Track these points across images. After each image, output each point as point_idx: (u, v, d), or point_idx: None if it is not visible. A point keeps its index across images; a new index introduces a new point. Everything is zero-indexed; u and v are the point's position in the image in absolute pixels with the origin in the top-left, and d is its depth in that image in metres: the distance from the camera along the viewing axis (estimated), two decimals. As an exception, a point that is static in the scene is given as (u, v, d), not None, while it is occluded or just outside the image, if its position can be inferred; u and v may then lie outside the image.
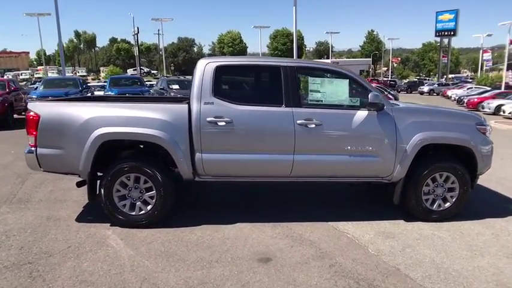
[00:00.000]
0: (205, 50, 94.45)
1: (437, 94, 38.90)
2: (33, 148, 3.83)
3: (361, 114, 3.89)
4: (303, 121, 3.81)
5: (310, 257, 3.34)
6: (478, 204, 4.63)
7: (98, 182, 3.91)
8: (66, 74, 31.98)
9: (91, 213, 4.32)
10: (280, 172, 3.97)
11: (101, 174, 3.92)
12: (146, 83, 19.97)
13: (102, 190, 3.83)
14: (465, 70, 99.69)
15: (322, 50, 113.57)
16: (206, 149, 3.82)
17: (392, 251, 3.48)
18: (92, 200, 3.94)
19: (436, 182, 4.04)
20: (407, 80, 60.32)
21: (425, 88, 42.31)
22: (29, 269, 3.07)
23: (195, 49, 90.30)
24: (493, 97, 21.39)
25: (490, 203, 4.88)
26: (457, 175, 4.00)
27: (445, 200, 4.10)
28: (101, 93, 15.62)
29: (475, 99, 22.13)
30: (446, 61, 53.27)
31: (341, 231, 3.89)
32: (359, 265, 3.21)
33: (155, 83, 18.70)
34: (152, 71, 56.10)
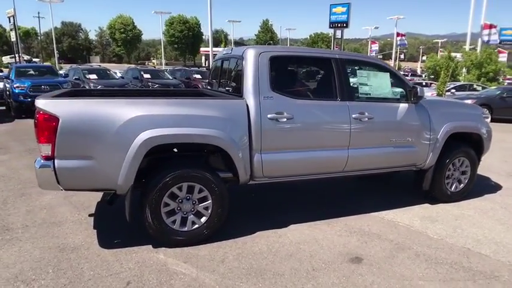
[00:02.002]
0: (92, 36, 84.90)
1: None
2: (48, 161, 2.87)
3: (403, 106, 4.05)
4: (358, 115, 3.77)
5: (392, 250, 3.38)
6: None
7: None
8: None
9: (112, 235, 3.49)
10: (335, 168, 3.87)
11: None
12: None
13: (147, 206, 3.12)
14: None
15: (218, 38, 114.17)
16: (266, 148, 3.46)
17: (448, 233, 3.77)
18: (132, 220, 3.17)
19: (455, 166, 4.51)
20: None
21: None
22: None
23: (81, 35, 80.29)
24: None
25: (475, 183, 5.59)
26: (470, 159, 4.56)
27: (459, 182, 4.62)
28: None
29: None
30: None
31: (391, 221, 4.03)
32: (437, 250, 3.39)
33: (62, 73, 16.07)
34: (34, 59, 47.61)
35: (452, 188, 4.57)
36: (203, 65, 72.57)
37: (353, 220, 4.01)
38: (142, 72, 15.76)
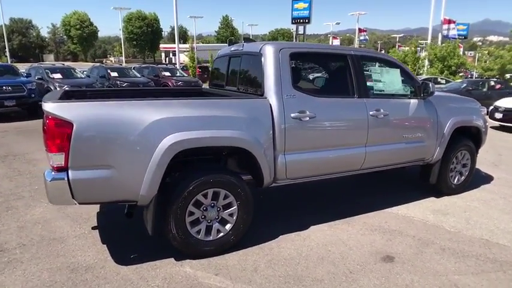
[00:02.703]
0: (44, 33, 79.62)
1: None
2: (61, 172, 2.53)
3: (414, 102, 4.09)
4: (374, 112, 3.74)
5: (418, 246, 3.39)
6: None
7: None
8: None
9: (125, 249, 3.19)
10: (353, 166, 3.82)
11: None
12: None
13: (172, 216, 2.87)
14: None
15: (178, 35, 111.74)
16: (290, 149, 3.32)
17: (463, 225, 3.85)
18: (155, 233, 2.89)
19: (457, 160, 4.65)
20: None
21: None
22: None
23: (33, 32, 74.92)
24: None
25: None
26: (471, 152, 4.71)
27: (461, 174, 4.77)
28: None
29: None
30: None
31: (406, 216, 4.06)
32: (459, 243, 3.45)
33: (23, 72, 14.78)
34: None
35: (455, 181, 4.70)
36: (163, 62, 70.65)
37: (370, 218, 3.98)
38: (109, 71, 14.92)
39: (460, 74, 23.66)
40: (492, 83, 14.52)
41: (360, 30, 43.05)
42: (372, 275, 2.91)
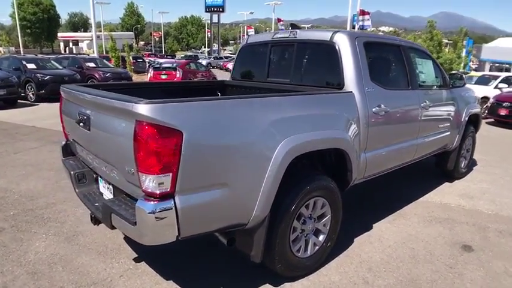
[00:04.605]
0: None
1: (214, 67, 41.13)
2: (166, 200, 1.87)
3: (445, 93, 4.21)
4: (424, 103, 3.74)
5: (479, 232, 3.51)
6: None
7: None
8: None
9: (202, 281, 2.60)
10: (409, 158, 3.77)
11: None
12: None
13: (278, 236, 2.40)
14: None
15: (77, 22, 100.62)
16: (370, 146, 3.09)
17: (493, 207, 4.14)
18: (260, 259, 2.38)
19: (465, 145, 4.99)
20: (184, 54, 61.46)
21: (204, 62, 45.19)
22: None
23: None
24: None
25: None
26: (473, 137, 5.11)
27: (465, 158, 5.14)
28: None
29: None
30: (210, 35, 58.60)
31: (444, 204, 4.19)
32: (508, 225, 3.68)
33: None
34: None
35: (463, 165, 5.06)
36: (62, 52, 62.70)
37: (415, 209, 4.01)
38: (24, 62, 12.42)
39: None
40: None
41: (279, 20, 44.29)
42: (469, 266, 2.91)
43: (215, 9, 57.88)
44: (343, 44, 2.99)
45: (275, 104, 2.32)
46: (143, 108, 1.80)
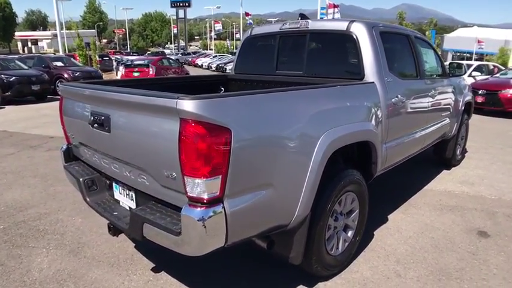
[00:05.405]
0: None
1: (183, 63, 40.63)
2: (215, 205, 1.70)
3: (446, 82, 4.26)
4: (431, 92, 3.75)
5: (490, 217, 3.58)
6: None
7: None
8: None
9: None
10: (418, 148, 3.77)
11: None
12: None
13: (316, 235, 2.30)
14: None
15: (35, 20, 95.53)
16: (390, 137, 3.05)
17: (495, 192, 4.24)
18: (300, 260, 2.27)
19: (461, 132, 5.10)
20: (151, 51, 59.57)
21: (173, 57, 44.35)
22: None
23: None
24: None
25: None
26: (467, 125, 5.23)
27: (460, 145, 5.26)
28: None
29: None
30: (176, 31, 57.22)
31: (449, 192, 4.26)
32: (509, 209, 3.79)
33: None
34: None
35: (458, 152, 5.19)
36: (21, 52, 59.01)
37: (423, 198, 4.05)
38: (-15, 62, 11.48)
39: None
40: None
41: (247, 14, 44.13)
42: (490, 252, 2.95)
43: (181, 4, 56.29)
44: (361, 33, 2.91)
45: (312, 96, 2.20)
46: (189, 105, 1.61)
